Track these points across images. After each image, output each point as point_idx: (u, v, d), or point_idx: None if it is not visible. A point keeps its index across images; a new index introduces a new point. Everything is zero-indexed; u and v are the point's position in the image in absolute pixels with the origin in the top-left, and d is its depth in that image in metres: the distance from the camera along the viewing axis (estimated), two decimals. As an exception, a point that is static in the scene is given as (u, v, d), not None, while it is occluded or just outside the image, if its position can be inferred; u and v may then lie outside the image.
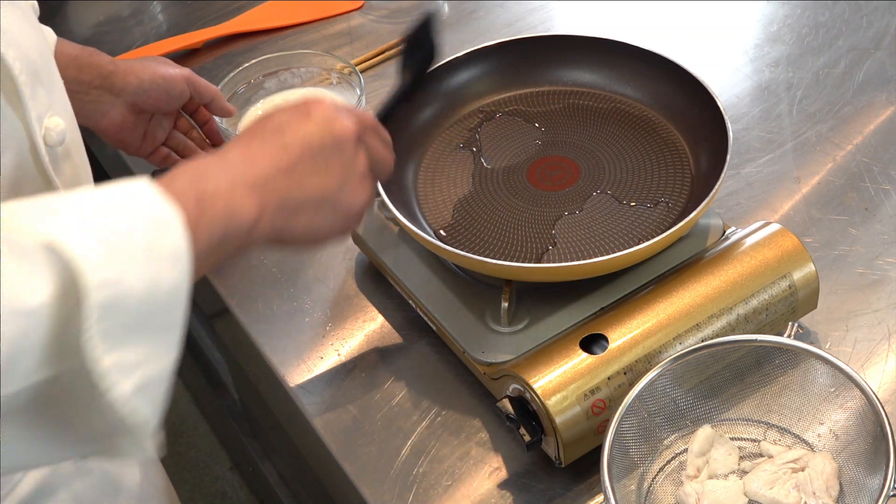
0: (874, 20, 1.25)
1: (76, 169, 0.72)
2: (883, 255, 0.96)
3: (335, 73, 1.15)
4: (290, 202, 0.64)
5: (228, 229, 0.59)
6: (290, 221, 0.64)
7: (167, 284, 0.53)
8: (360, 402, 0.88)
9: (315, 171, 0.65)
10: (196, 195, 0.58)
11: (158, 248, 0.53)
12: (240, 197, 0.60)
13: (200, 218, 0.57)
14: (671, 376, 0.78)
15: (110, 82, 0.95)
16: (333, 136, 0.67)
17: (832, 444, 0.77)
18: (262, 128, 0.66)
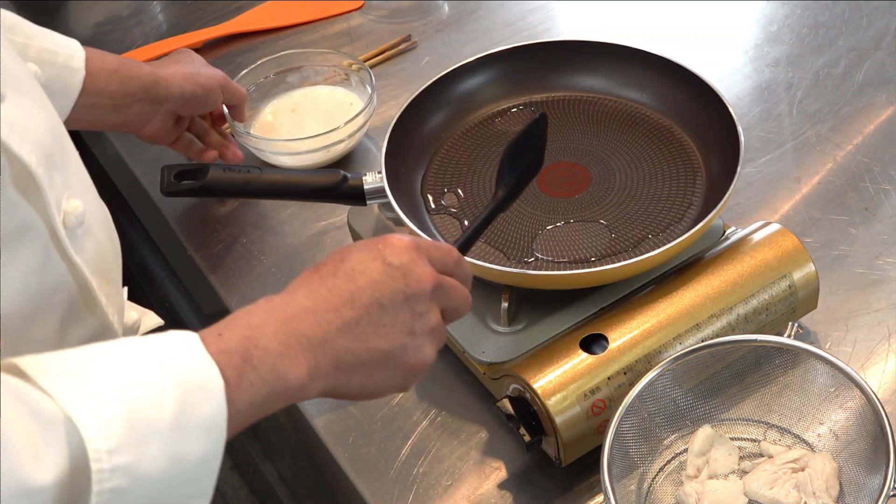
0: (874, 20, 1.25)
1: (99, 244, 0.70)
2: (883, 255, 0.96)
3: (344, 70, 1.16)
4: (348, 362, 0.61)
5: (275, 392, 0.57)
6: (345, 381, 0.62)
7: (194, 457, 0.52)
8: (359, 403, 0.88)
9: (380, 328, 0.62)
10: (243, 355, 0.56)
11: (191, 417, 0.51)
12: (292, 359, 0.58)
13: (243, 379, 0.55)
14: (671, 376, 0.78)
15: (153, 93, 0.96)
16: (406, 289, 0.63)
17: (832, 444, 0.77)
18: (333, 270, 0.63)
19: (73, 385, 0.50)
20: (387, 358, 0.63)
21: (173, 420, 0.51)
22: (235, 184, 0.95)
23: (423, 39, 1.28)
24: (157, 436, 0.50)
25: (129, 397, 0.50)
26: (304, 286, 0.62)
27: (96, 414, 0.49)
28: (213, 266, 1.04)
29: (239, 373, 0.55)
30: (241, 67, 1.16)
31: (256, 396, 0.56)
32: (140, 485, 0.49)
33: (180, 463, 0.51)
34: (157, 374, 0.52)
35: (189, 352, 0.54)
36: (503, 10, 1.33)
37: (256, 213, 1.07)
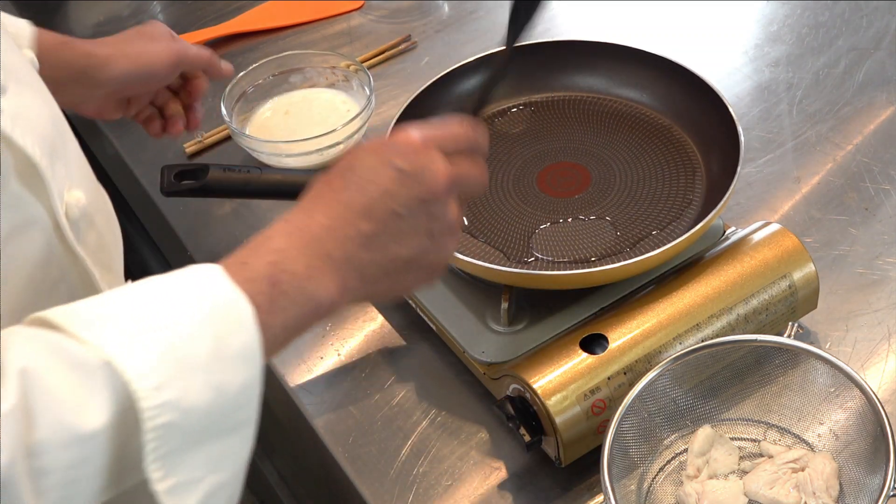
0: (874, 20, 1.25)
1: (100, 235, 0.70)
2: (883, 255, 0.96)
3: (343, 72, 1.16)
4: (374, 274, 0.62)
5: (307, 311, 0.58)
6: (372, 290, 0.62)
7: (235, 386, 0.52)
8: (360, 403, 0.88)
9: (399, 236, 0.62)
10: (271, 280, 0.56)
11: (226, 349, 0.52)
12: (319, 279, 0.58)
13: (274, 303, 0.56)
14: (671, 376, 0.78)
15: (88, 76, 0.89)
16: (420, 194, 0.62)
17: (832, 444, 0.77)
18: (345, 181, 0.62)
19: (107, 329, 0.50)
20: (409, 263, 0.63)
21: (211, 353, 0.51)
22: (235, 184, 0.95)
23: (423, 39, 1.28)
24: (198, 369, 0.51)
25: (164, 336, 0.51)
26: (319, 202, 0.62)
27: (135, 355, 0.49)
28: (213, 266, 1.04)
29: (270, 299, 0.55)
30: (241, 67, 1.16)
31: (289, 319, 0.57)
32: (188, 417, 0.50)
33: (223, 393, 0.51)
34: (189, 311, 0.52)
35: (216, 285, 0.54)
36: (503, 10, 1.32)
37: (256, 214, 1.07)
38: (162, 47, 0.93)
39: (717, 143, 0.93)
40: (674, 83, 0.98)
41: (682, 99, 0.97)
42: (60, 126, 0.69)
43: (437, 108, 0.99)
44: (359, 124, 1.08)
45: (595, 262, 0.86)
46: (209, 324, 0.52)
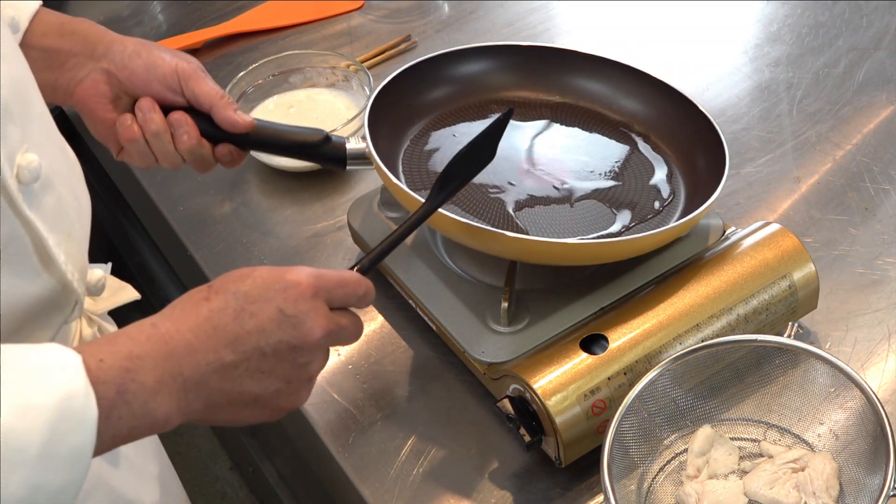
0: (874, 20, 1.25)
1: (59, 199, 0.68)
2: (883, 255, 0.96)
3: (343, 72, 1.16)
4: (218, 401, 0.61)
5: (141, 426, 0.57)
6: (210, 416, 0.62)
7: (55, 486, 0.51)
8: (360, 403, 0.88)
9: (257, 374, 0.62)
10: (119, 388, 0.56)
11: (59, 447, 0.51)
12: (164, 396, 0.58)
13: (113, 412, 0.55)
14: (671, 376, 0.78)
15: (92, 48, 0.82)
16: (293, 340, 0.63)
17: (832, 444, 0.77)
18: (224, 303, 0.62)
19: None
20: (256, 401, 0.63)
21: (41, 448, 0.50)
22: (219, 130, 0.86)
23: (423, 39, 1.28)
24: (23, 465, 0.50)
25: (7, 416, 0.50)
26: (192, 316, 0.61)
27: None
28: (213, 266, 1.04)
29: (111, 405, 0.55)
30: (241, 67, 1.16)
31: (122, 430, 0.56)
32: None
33: (40, 492, 0.50)
34: (34, 399, 0.51)
35: (69, 377, 0.53)
36: (503, 10, 1.33)
37: (256, 214, 1.07)
38: (177, 60, 0.84)
39: (704, 151, 0.92)
40: (659, 97, 0.97)
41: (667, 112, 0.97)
42: (22, 89, 0.67)
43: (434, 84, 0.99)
44: (358, 124, 1.08)
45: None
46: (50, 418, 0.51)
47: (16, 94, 0.65)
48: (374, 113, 0.91)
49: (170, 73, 0.82)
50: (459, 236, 0.82)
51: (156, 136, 0.81)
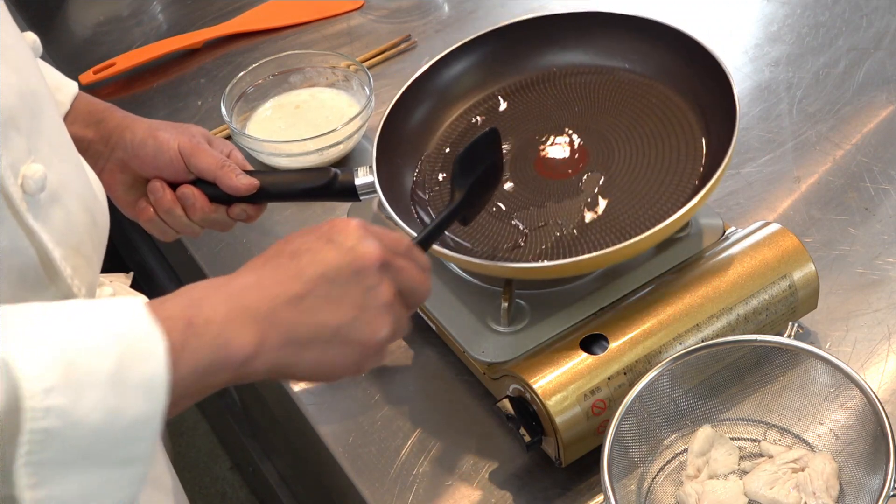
0: (874, 20, 1.25)
1: (69, 213, 0.69)
2: (883, 255, 0.96)
3: (343, 72, 1.16)
4: (297, 336, 0.60)
5: (218, 360, 0.56)
6: (296, 357, 0.60)
7: (131, 415, 0.50)
8: (360, 403, 0.88)
9: (328, 302, 0.61)
10: (187, 320, 0.55)
11: (130, 375, 0.51)
12: (237, 327, 0.57)
13: (187, 344, 0.54)
14: (671, 376, 0.78)
15: (108, 138, 0.87)
16: (353, 262, 0.62)
17: (832, 444, 0.77)
18: (278, 251, 0.62)
19: (8, 331, 0.49)
20: (338, 333, 0.61)
21: (112, 374, 0.50)
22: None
23: (422, 39, 1.28)
24: (95, 385, 0.49)
25: (67, 346, 0.50)
26: (248, 268, 0.62)
27: (33, 357, 0.48)
28: (213, 266, 1.04)
29: (182, 338, 0.54)
30: (241, 67, 1.16)
31: (199, 363, 0.55)
32: (74, 431, 0.48)
33: (117, 418, 0.50)
34: (98, 330, 0.51)
35: (133, 314, 0.53)
36: (503, 10, 1.33)
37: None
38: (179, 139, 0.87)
39: (713, 106, 0.89)
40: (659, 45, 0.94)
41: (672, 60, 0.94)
42: (30, 100, 0.67)
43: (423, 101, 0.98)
44: (359, 124, 1.08)
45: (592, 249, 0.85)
46: (116, 346, 0.51)
47: (24, 106, 0.65)
48: (381, 146, 0.90)
49: (174, 156, 0.86)
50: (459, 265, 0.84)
51: (168, 212, 0.86)
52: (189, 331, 0.55)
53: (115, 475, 0.51)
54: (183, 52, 1.30)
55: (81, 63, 1.28)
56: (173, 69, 1.29)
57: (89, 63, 1.27)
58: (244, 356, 0.57)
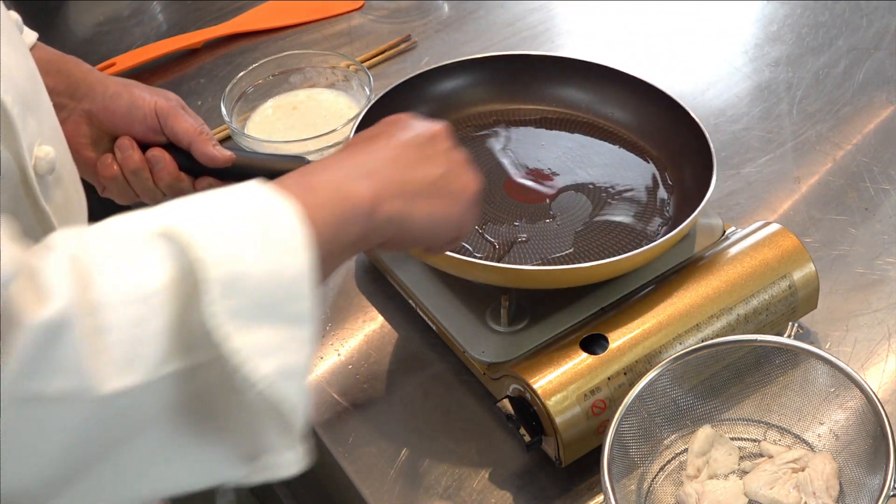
0: (874, 20, 1.25)
1: (67, 194, 0.70)
2: (883, 255, 0.96)
3: (343, 72, 1.16)
4: (406, 189, 0.63)
5: (344, 211, 0.58)
6: (410, 208, 0.63)
7: (289, 272, 0.51)
8: (359, 402, 0.88)
9: (419, 161, 0.65)
10: (305, 185, 0.58)
11: (274, 237, 0.52)
12: (353, 182, 0.60)
13: (311, 202, 0.56)
14: (671, 376, 0.78)
15: (74, 88, 0.84)
16: (427, 131, 0.67)
17: (832, 444, 0.77)
18: (355, 139, 0.67)
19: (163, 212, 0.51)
20: (438, 185, 0.65)
21: (262, 235, 0.51)
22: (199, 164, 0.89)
23: (422, 39, 1.28)
24: (251, 244, 0.51)
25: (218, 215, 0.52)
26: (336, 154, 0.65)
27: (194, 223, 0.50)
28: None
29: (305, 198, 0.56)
30: (241, 67, 1.16)
31: (328, 217, 0.57)
32: (245, 282, 0.49)
33: (277, 274, 0.51)
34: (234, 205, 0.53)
35: (254, 190, 0.55)
36: (503, 10, 1.33)
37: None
38: (156, 98, 0.86)
39: (688, 152, 0.92)
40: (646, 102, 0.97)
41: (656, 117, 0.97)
42: (35, 83, 0.68)
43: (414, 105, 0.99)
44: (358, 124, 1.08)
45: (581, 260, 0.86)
46: (254, 216, 0.53)
47: (33, 88, 0.67)
48: None
49: (149, 113, 0.84)
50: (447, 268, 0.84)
51: (134, 173, 0.83)
52: (310, 192, 0.57)
53: (291, 332, 0.51)
54: (183, 52, 1.30)
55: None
56: (173, 69, 1.29)
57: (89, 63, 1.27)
58: (367, 206, 0.60)
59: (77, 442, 0.47)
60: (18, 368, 0.44)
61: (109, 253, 0.49)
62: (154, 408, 0.49)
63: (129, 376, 0.47)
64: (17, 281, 0.45)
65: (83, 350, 0.45)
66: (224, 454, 0.53)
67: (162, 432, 0.50)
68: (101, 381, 0.46)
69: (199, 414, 0.51)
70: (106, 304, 0.46)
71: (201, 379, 0.49)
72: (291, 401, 0.51)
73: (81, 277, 0.47)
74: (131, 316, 0.47)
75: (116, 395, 0.46)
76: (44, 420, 0.46)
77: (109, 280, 0.47)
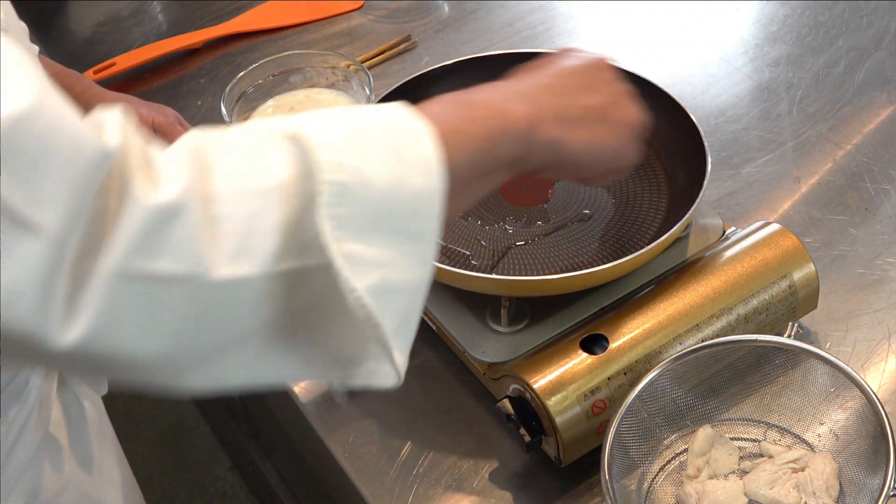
0: (874, 20, 1.25)
1: None
2: (883, 255, 0.96)
3: (343, 72, 1.16)
4: (567, 114, 0.63)
5: (501, 129, 0.58)
6: (569, 132, 0.63)
7: (415, 187, 0.51)
8: (360, 403, 0.88)
9: (580, 89, 0.65)
10: (461, 100, 0.58)
11: (406, 153, 0.52)
12: (512, 103, 0.60)
13: (466, 115, 0.56)
14: (671, 376, 0.78)
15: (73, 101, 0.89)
16: (590, 61, 0.67)
17: (832, 444, 0.77)
18: (516, 70, 0.66)
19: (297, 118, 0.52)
20: (601, 113, 0.65)
21: (391, 150, 0.51)
22: None
23: (422, 39, 1.28)
24: (378, 155, 0.51)
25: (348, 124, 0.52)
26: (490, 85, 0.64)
27: (319, 129, 0.50)
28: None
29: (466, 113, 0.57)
30: (241, 67, 1.16)
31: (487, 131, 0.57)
32: (366, 190, 0.49)
33: (402, 186, 0.51)
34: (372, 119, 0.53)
35: (400, 108, 0.54)
36: (503, 10, 1.33)
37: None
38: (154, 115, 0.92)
39: (683, 150, 0.92)
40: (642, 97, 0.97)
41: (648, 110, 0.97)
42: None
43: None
44: (359, 124, 1.08)
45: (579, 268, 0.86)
46: (391, 131, 0.52)
47: None
48: None
49: (147, 129, 0.87)
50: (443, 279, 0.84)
51: None
52: (465, 106, 0.58)
53: (406, 249, 0.51)
54: (183, 52, 1.30)
55: (81, 63, 1.28)
56: (173, 69, 1.29)
57: (89, 63, 1.27)
58: (524, 126, 0.59)
59: (189, 327, 0.47)
60: (128, 245, 0.45)
61: (232, 148, 0.49)
62: (262, 303, 0.49)
63: (242, 267, 0.47)
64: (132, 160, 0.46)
65: (196, 235, 0.46)
66: (324, 356, 0.53)
67: (269, 329, 0.50)
68: (212, 266, 0.46)
69: (303, 316, 0.51)
70: (222, 195, 0.47)
71: (309, 283, 0.49)
72: (384, 322, 0.50)
73: (201, 169, 0.47)
74: (247, 209, 0.47)
75: (226, 283, 0.47)
76: (155, 299, 0.46)
77: (228, 172, 0.48)
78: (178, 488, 1.84)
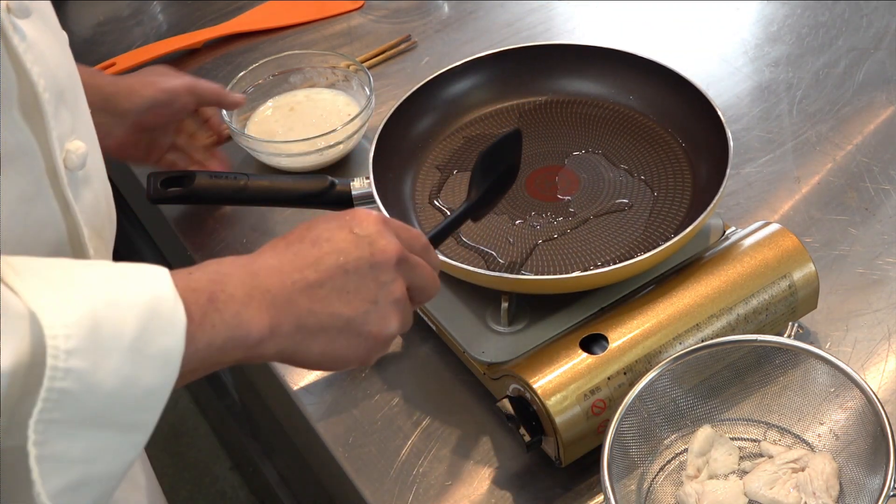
0: (874, 20, 1.25)
1: (96, 196, 0.70)
2: (883, 255, 0.96)
3: (343, 72, 1.16)
4: (309, 324, 0.61)
5: (234, 338, 0.57)
6: (305, 344, 0.62)
7: (145, 385, 0.51)
8: (360, 403, 0.88)
9: (343, 293, 0.62)
10: (210, 295, 0.57)
11: (149, 346, 0.51)
12: (254, 309, 0.58)
13: (206, 319, 0.56)
14: (671, 376, 0.78)
15: (113, 104, 0.93)
16: (371, 258, 0.64)
17: (832, 444, 0.77)
18: (300, 236, 0.64)
19: (41, 286, 0.50)
20: (349, 325, 0.63)
21: (133, 342, 0.51)
22: (223, 191, 0.95)
23: (422, 39, 1.28)
24: (116, 352, 0.50)
25: (94, 308, 0.50)
26: (270, 249, 0.63)
27: (61, 315, 0.49)
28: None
29: (203, 312, 0.56)
30: (241, 67, 1.16)
31: (216, 339, 0.56)
32: (89, 395, 0.49)
33: (131, 386, 0.51)
34: (125, 296, 0.52)
35: (159, 282, 0.54)
36: (503, 10, 1.33)
37: (256, 215, 1.07)
38: (177, 80, 1.00)
39: (706, 145, 0.93)
40: (663, 86, 0.98)
41: (671, 103, 0.97)
42: (74, 81, 0.69)
43: (426, 112, 0.99)
44: (359, 124, 1.08)
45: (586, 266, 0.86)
46: (141, 314, 0.52)
47: (71, 85, 0.68)
48: (377, 161, 0.91)
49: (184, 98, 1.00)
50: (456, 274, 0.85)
51: None
52: (210, 306, 0.56)
53: (117, 440, 0.52)
54: (183, 52, 1.30)
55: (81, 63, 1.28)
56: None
57: (89, 63, 1.27)
58: (258, 338, 0.58)
59: None
60: None
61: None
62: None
63: None
64: None
65: None
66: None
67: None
68: None
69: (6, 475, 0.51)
70: None
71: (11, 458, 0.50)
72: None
73: None
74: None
75: None
76: None
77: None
78: (179, 488, 1.84)
